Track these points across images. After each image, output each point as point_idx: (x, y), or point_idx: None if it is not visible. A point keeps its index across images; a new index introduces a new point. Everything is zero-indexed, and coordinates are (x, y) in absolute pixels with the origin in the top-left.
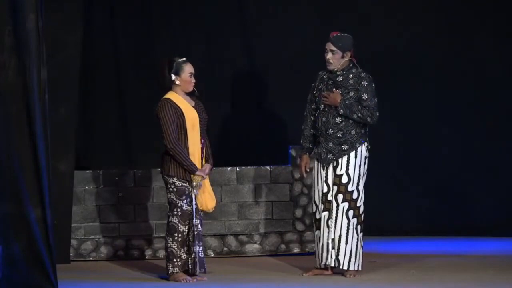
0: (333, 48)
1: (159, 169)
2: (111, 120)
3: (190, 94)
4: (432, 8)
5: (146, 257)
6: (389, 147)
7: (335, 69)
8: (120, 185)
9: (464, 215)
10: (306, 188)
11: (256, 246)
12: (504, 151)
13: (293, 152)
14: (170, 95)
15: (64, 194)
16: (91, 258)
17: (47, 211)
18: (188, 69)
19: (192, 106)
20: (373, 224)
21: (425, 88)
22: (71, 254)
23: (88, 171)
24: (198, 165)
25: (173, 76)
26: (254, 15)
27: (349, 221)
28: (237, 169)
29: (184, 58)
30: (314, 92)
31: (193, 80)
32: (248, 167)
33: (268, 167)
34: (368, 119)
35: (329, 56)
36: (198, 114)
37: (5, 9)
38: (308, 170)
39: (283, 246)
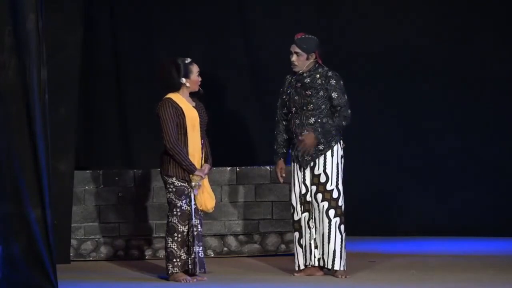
0: (298, 50)
1: (159, 169)
2: (111, 120)
3: (193, 94)
4: (432, 8)
5: (146, 257)
6: (388, 147)
7: (301, 71)
8: (120, 185)
9: (464, 215)
10: None
11: (256, 246)
12: (504, 151)
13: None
14: (172, 95)
15: (64, 194)
16: (91, 258)
17: (47, 211)
18: (195, 69)
19: (193, 106)
20: (373, 224)
21: (425, 88)
22: (71, 254)
23: (88, 171)
24: (198, 165)
25: (184, 79)
26: (254, 15)
27: (330, 220)
28: (237, 169)
29: (189, 59)
30: (284, 97)
31: (200, 79)
32: (248, 167)
33: (268, 167)
34: (343, 123)
35: (293, 58)
36: (199, 114)
37: (5, 9)
38: (284, 175)
39: (283, 246)
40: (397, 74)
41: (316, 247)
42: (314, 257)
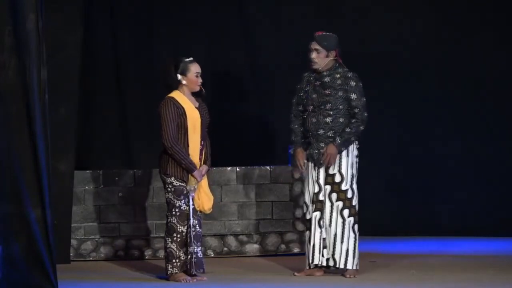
0: (318, 47)
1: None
2: (111, 120)
3: (196, 94)
4: (432, 8)
5: (146, 257)
6: (389, 147)
7: (320, 69)
8: (120, 185)
9: (464, 215)
10: None
11: (256, 246)
12: (504, 151)
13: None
14: (175, 94)
15: (64, 194)
16: (91, 258)
17: (47, 211)
18: (194, 68)
19: (196, 107)
20: (373, 224)
21: (425, 88)
22: (71, 254)
23: (88, 171)
24: (196, 166)
25: (179, 76)
26: (254, 15)
27: (344, 220)
28: (237, 169)
29: (191, 58)
30: (301, 94)
31: (200, 80)
32: (248, 167)
33: (268, 167)
34: (361, 128)
35: (313, 55)
36: (200, 115)
37: (5, 9)
38: (305, 161)
39: (283, 246)
40: (397, 74)
41: (325, 247)
42: (323, 256)
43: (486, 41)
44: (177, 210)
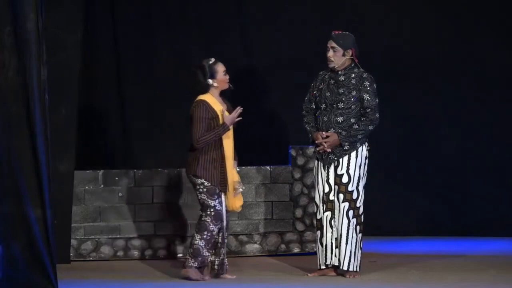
0: (334, 45)
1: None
2: (111, 120)
3: (222, 94)
4: (432, 8)
5: (146, 257)
6: (389, 147)
7: (336, 67)
8: (120, 185)
9: (464, 215)
10: (306, 188)
11: (256, 246)
12: (504, 151)
13: (293, 152)
14: (206, 97)
15: (64, 194)
16: (91, 258)
17: (47, 211)
18: (220, 68)
19: (226, 109)
20: (373, 224)
21: (425, 88)
22: (71, 254)
23: (88, 171)
24: (231, 169)
25: (210, 81)
26: (254, 15)
27: (349, 221)
28: (237, 169)
29: (214, 59)
30: (315, 92)
31: (227, 76)
32: (248, 167)
33: (268, 167)
34: (370, 127)
35: (330, 53)
36: None
37: (5, 9)
38: (325, 135)
39: (283, 246)
40: (397, 74)
41: (337, 246)
42: (335, 256)
43: (486, 41)
44: (212, 210)
